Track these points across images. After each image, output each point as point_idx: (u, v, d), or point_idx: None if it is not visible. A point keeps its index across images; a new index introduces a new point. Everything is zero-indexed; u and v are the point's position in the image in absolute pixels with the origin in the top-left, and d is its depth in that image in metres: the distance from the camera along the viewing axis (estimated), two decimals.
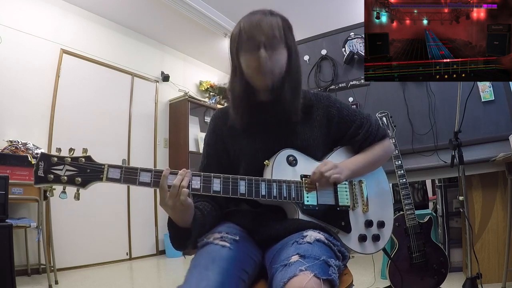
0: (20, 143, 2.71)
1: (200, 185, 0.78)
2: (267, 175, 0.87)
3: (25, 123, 2.99)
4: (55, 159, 0.70)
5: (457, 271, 2.34)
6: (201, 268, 0.72)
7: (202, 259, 0.75)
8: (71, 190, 0.72)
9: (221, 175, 0.80)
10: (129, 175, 0.73)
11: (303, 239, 0.76)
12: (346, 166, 0.93)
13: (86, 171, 0.71)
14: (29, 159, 2.54)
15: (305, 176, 0.89)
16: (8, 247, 1.89)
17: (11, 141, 2.69)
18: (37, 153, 2.74)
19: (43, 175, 0.69)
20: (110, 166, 0.72)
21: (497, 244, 2.05)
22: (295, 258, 0.69)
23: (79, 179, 0.71)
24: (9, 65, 2.91)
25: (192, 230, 0.80)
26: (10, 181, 2.11)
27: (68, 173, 0.70)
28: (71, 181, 0.70)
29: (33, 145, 2.78)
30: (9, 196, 2.08)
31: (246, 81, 0.91)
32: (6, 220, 1.99)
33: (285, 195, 0.84)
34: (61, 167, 0.70)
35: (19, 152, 2.65)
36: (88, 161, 0.72)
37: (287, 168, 0.89)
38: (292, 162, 0.90)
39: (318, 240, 0.76)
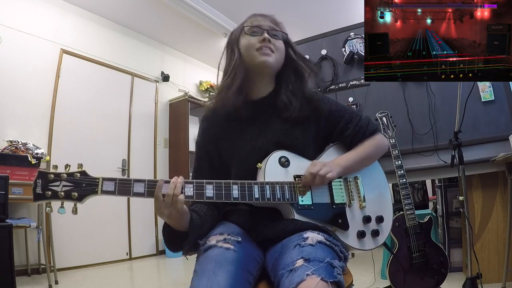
0: (20, 143, 2.71)
1: (193, 192, 0.78)
2: (260, 178, 0.87)
3: (25, 123, 2.99)
4: (52, 176, 0.72)
5: (457, 271, 2.34)
6: (209, 273, 0.71)
7: (209, 263, 0.74)
8: (68, 204, 0.74)
9: (214, 181, 0.81)
10: (123, 187, 0.74)
11: (305, 241, 0.76)
12: (337, 163, 0.92)
13: (82, 186, 0.73)
14: (29, 159, 2.55)
15: (298, 176, 0.89)
16: (8, 247, 1.89)
17: (11, 141, 2.69)
18: (37, 153, 2.74)
19: (41, 192, 0.70)
20: (104, 179, 0.73)
21: (497, 244, 2.06)
22: (300, 262, 0.69)
23: (76, 194, 0.72)
24: (9, 65, 2.92)
25: (189, 231, 0.81)
26: (10, 181, 2.11)
27: (64, 188, 0.72)
28: (68, 196, 0.72)
29: (33, 145, 2.79)
30: (9, 196, 2.08)
31: (243, 74, 0.94)
32: (6, 220, 1.99)
33: (278, 197, 0.84)
34: (57, 183, 0.72)
35: (19, 152, 2.65)
36: (83, 175, 0.74)
37: (279, 170, 0.89)
38: (285, 163, 0.90)
39: (319, 242, 0.76)
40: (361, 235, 0.90)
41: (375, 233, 0.92)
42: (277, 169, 0.88)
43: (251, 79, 0.96)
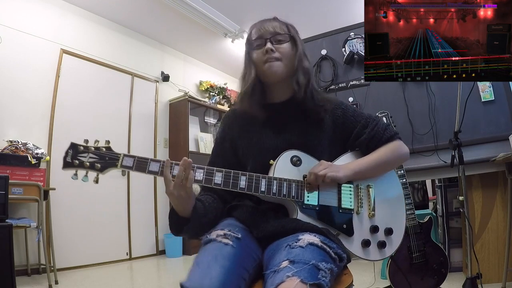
0: (20, 143, 2.71)
1: (203, 177, 0.83)
2: (269, 173, 0.89)
3: (25, 123, 2.98)
4: (82, 147, 0.82)
5: (457, 271, 2.34)
6: (204, 266, 0.73)
7: (205, 256, 0.76)
8: (91, 176, 0.83)
9: (224, 169, 0.84)
10: (140, 164, 0.81)
11: (296, 242, 0.76)
12: (347, 167, 0.92)
13: (105, 159, 0.81)
14: (29, 159, 2.55)
15: None
16: (8, 247, 1.89)
17: (11, 141, 2.69)
18: (37, 153, 2.74)
19: (70, 160, 0.80)
20: (125, 155, 0.82)
21: (497, 244, 2.06)
22: (285, 263, 0.69)
23: (99, 165, 0.81)
24: (9, 65, 2.91)
25: (191, 218, 0.84)
26: (10, 181, 2.11)
27: (90, 160, 0.81)
28: (92, 166, 0.80)
29: (33, 145, 2.78)
30: (9, 196, 2.08)
31: (258, 82, 0.98)
32: (6, 220, 1.99)
33: (284, 193, 0.85)
34: (85, 154, 0.81)
35: (19, 152, 2.65)
36: (108, 150, 0.82)
37: (290, 168, 0.90)
38: (296, 162, 0.90)
39: (311, 244, 0.75)
40: (365, 244, 0.89)
41: (382, 245, 0.90)
42: (288, 167, 0.90)
43: (268, 86, 1.00)
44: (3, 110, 2.84)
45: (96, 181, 0.81)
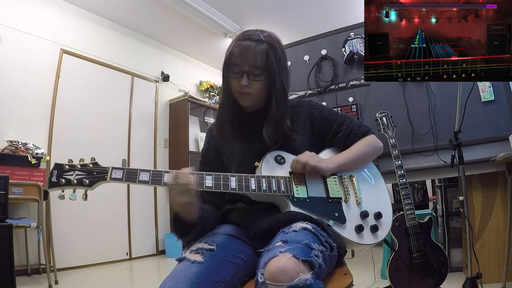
0: (20, 143, 2.71)
1: (194, 181, 0.83)
2: (257, 173, 0.92)
3: (25, 123, 2.99)
4: (67, 166, 0.80)
5: (457, 271, 2.35)
6: None
7: (169, 280, 0.77)
8: (79, 193, 0.80)
9: (213, 173, 0.85)
10: (130, 175, 0.80)
11: (289, 229, 0.80)
12: (330, 160, 0.97)
13: (93, 174, 0.80)
14: (29, 159, 2.55)
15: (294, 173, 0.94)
16: (8, 247, 1.89)
17: (11, 141, 2.69)
18: (37, 153, 2.74)
19: (55, 180, 0.78)
20: (113, 168, 0.80)
21: (497, 244, 2.06)
22: (278, 244, 0.72)
23: (87, 180, 0.79)
24: (9, 65, 2.92)
25: (198, 220, 0.85)
26: (10, 181, 2.11)
27: (77, 177, 0.79)
28: (80, 183, 0.78)
29: (33, 145, 2.79)
30: (9, 196, 2.08)
31: (232, 100, 1.02)
32: (6, 220, 1.99)
33: (274, 189, 0.88)
34: (71, 172, 0.79)
35: (19, 152, 2.65)
36: (95, 166, 0.81)
37: (275, 166, 0.94)
38: (280, 161, 0.95)
39: (304, 229, 0.79)
40: (359, 229, 0.92)
41: (374, 228, 0.94)
42: (273, 166, 0.94)
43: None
44: (3, 110, 2.84)
45: (85, 197, 0.80)
